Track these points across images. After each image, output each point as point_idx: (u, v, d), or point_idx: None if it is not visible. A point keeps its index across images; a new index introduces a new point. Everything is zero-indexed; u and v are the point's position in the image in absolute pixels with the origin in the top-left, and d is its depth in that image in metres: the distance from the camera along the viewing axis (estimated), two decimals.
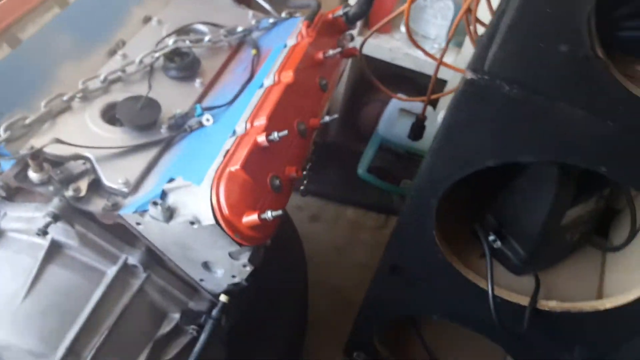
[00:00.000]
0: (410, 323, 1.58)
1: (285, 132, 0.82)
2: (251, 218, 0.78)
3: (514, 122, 0.76)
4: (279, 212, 0.77)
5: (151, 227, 0.82)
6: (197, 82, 0.99)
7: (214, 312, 0.88)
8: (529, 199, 1.03)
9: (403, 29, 1.71)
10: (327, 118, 0.95)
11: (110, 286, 0.84)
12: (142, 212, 0.81)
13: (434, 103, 1.86)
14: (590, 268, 1.14)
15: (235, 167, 0.79)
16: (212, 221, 0.77)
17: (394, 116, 1.77)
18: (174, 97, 0.95)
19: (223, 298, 0.89)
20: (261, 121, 0.85)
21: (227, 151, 0.82)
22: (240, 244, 0.81)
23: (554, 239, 1.07)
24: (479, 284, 1.06)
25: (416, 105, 1.61)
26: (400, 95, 1.67)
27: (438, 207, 0.96)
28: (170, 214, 0.80)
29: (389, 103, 1.80)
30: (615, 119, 0.70)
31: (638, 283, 0.93)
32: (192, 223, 0.79)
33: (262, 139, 0.82)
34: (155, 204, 0.78)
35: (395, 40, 1.75)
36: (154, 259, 0.88)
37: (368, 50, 1.60)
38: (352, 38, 1.22)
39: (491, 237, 1.08)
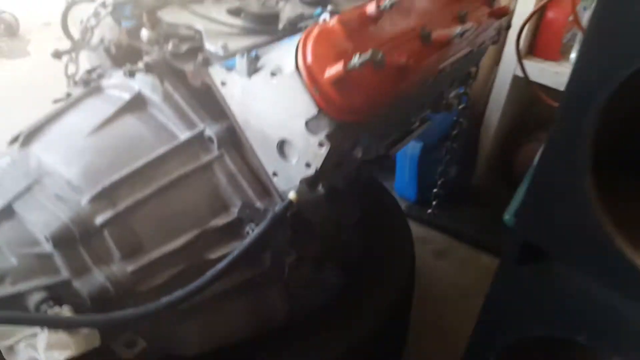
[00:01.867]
0: None
1: None
2: (335, 68, 0.65)
3: None
4: (367, 55, 0.63)
5: (234, 88, 0.75)
6: (328, 7, 0.96)
7: (277, 207, 0.72)
8: None
9: (572, 56, 1.49)
10: (458, 29, 0.81)
11: (177, 149, 0.75)
12: (229, 68, 0.74)
13: None
14: None
15: (332, 22, 0.70)
16: (293, 68, 0.67)
17: None
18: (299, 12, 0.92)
19: (292, 195, 0.73)
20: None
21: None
22: (319, 107, 0.68)
23: None
24: None
25: None
26: None
27: (598, 145, 0.68)
28: (254, 68, 0.72)
29: None
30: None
31: None
32: (273, 74, 0.70)
33: (372, 7, 0.72)
34: (242, 55, 0.72)
35: (564, 67, 1.51)
36: (232, 139, 0.78)
37: (533, 75, 1.42)
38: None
39: None
